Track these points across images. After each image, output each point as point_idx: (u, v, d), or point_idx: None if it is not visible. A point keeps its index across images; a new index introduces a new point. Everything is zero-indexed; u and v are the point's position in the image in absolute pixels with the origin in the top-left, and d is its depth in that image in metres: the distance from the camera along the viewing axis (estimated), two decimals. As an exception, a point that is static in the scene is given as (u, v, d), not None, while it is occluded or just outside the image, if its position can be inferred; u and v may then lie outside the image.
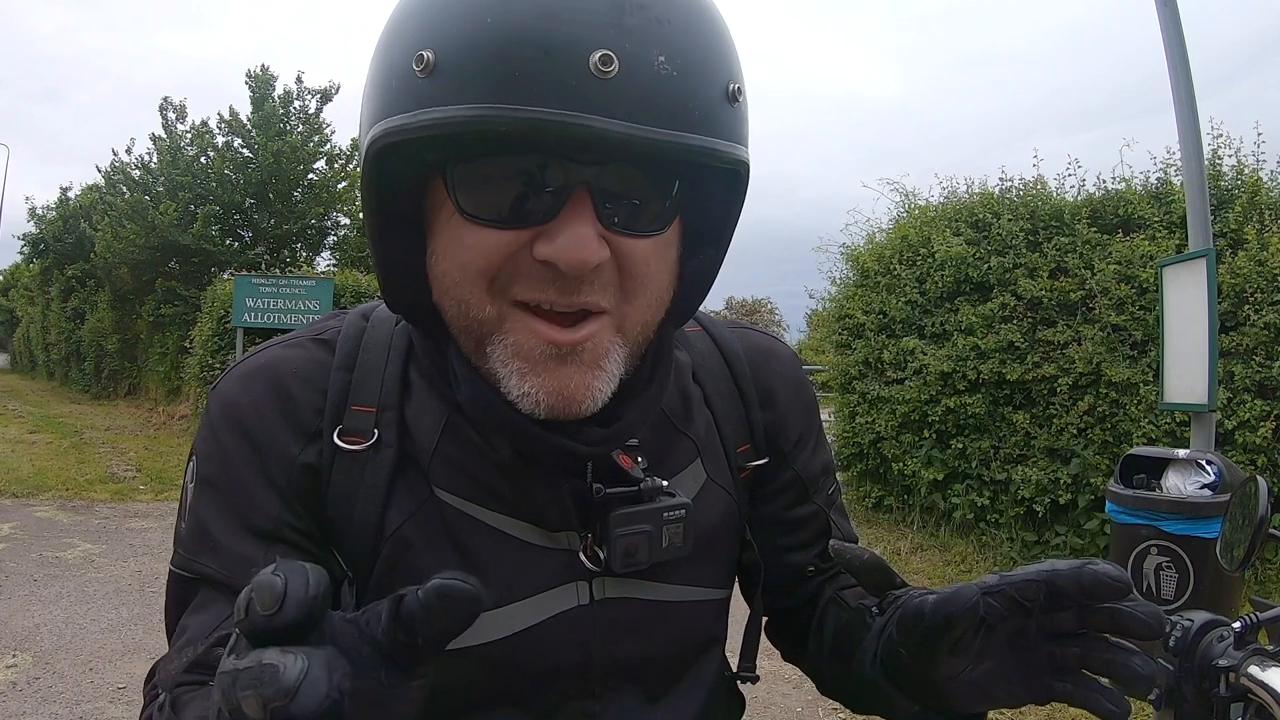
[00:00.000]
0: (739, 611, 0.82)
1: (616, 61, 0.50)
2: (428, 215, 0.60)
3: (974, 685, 0.57)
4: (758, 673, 0.80)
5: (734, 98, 0.56)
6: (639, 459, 0.66)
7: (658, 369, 0.67)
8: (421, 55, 0.52)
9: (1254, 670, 0.73)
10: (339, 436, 0.63)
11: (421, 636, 0.39)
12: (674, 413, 0.72)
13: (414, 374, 0.67)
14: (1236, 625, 0.77)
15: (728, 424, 0.75)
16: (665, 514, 0.64)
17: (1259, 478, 0.89)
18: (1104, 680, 0.53)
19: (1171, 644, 0.80)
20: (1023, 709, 3.38)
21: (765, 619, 0.83)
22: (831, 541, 0.73)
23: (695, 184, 0.60)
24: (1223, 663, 0.75)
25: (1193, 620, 0.79)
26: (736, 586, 0.81)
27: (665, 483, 0.65)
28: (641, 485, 0.64)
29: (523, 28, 0.50)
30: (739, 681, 0.80)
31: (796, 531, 0.81)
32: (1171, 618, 0.82)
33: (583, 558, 0.65)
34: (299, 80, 14.70)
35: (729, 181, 0.61)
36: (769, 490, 0.79)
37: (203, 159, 14.34)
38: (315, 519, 0.64)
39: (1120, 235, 5.44)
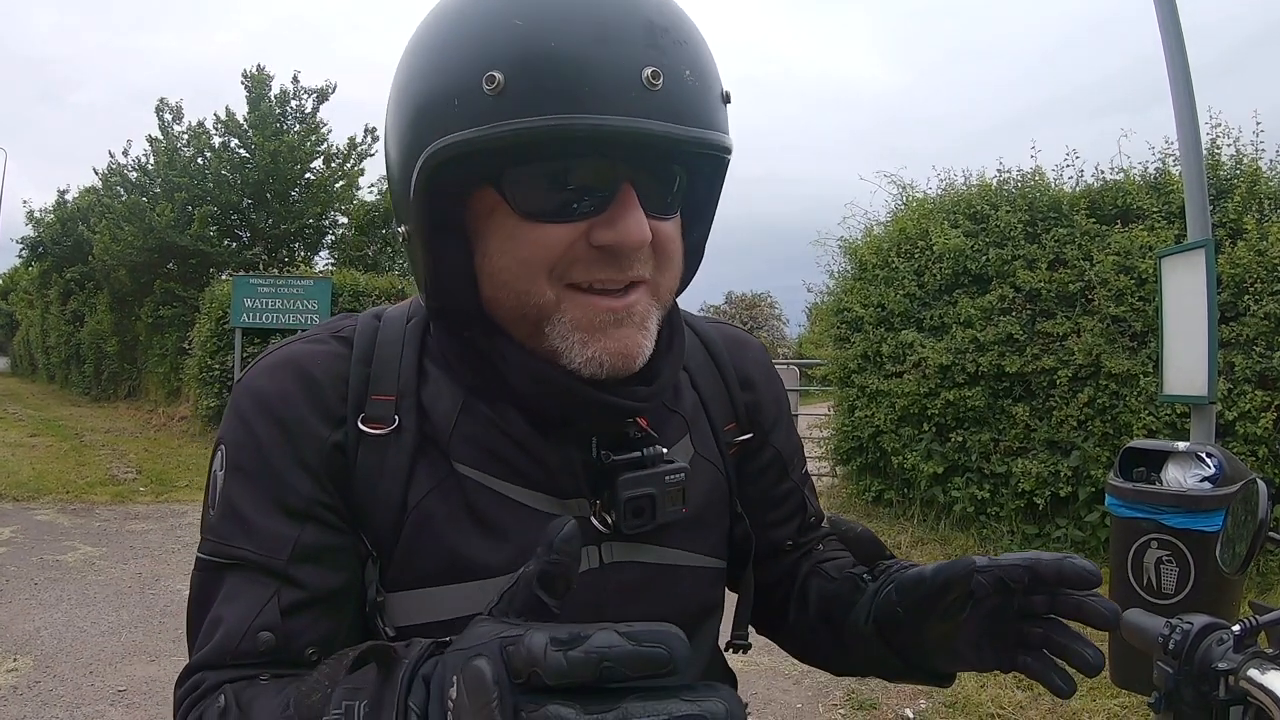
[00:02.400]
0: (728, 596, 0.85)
1: (663, 76, 0.60)
2: (472, 220, 0.66)
3: (953, 648, 0.69)
4: (751, 645, 0.86)
5: (727, 99, 0.67)
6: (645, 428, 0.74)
7: (674, 334, 0.75)
8: (493, 76, 0.58)
9: (1253, 673, 0.72)
10: (362, 423, 0.68)
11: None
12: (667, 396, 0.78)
13: (429, 364, 0.72)
14: (1236, 628, 0.77)
15: (714, 403, 0.82)
16: (666, 477, 0.70)
17: (1259, 480, 0.88)
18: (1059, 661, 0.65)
19: (1171, 647, 0.79)
20: (1025, 706, 3.37)
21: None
22: (829, 515, 0.83)
23: (692, 170, 0.70)
24: (1222, 666, 0.75)
25: (1192, 623, 0.79)
26: None
27: (665, 449, 0.72)
28: (644, 452, 0.70)
29: (583, 50, 0.59)
30: (732, 651, 0.86)
31: (777, 508, 0.88)
32: (1171, 620, 0.81)
33: (593, 520, 0.70)
34: (295, 80, 14.67)
35: (716, 165, 0.71)
36: (753, 469, 0.86)
37: (199, 160, 14.32)
38: (344, 498, 0.67)
39: (1119, 226, 5.43)
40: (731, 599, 0.85)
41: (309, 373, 0.69)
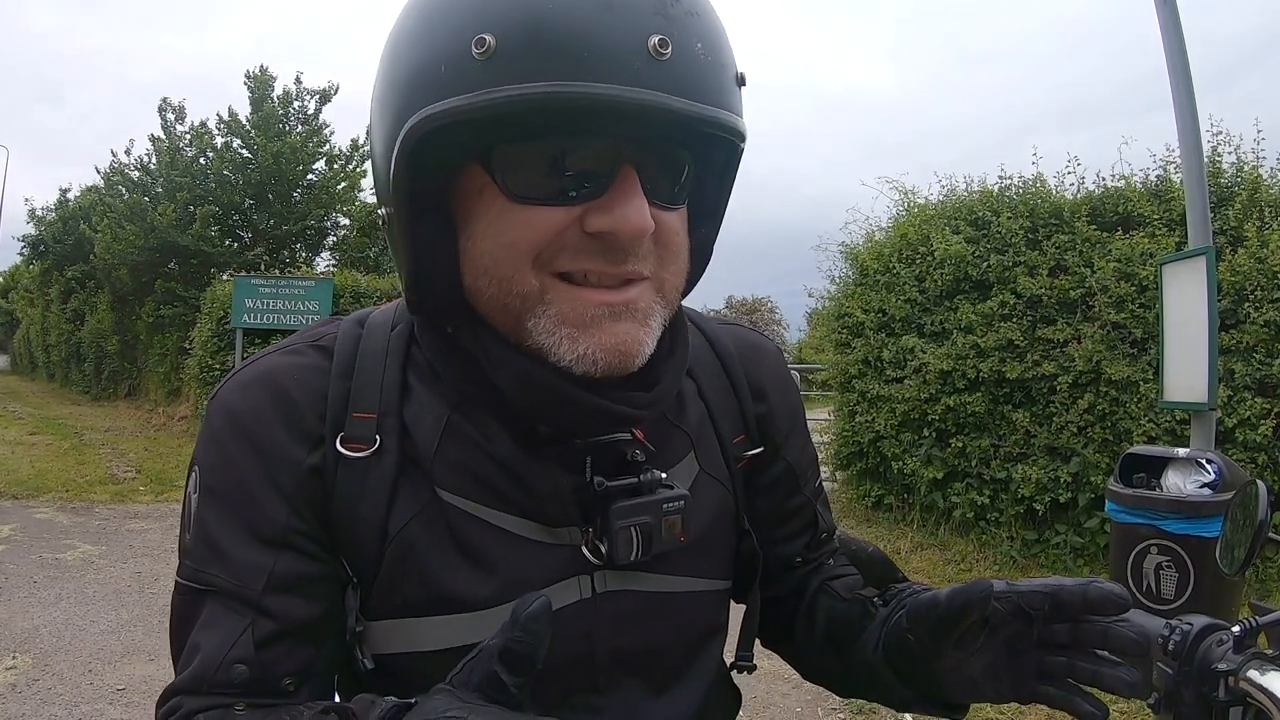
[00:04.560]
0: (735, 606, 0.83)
1: (671, 45, 0.55)
2: (458, 201, 0.62)
3: (966, 678, 0.65)
4: (756, 666, 0.82)
5: (742, 82, 0.62)
6: (642, 447, 0.69)
7: (676, 338, 0.70)
8: (483, 39, 0.54)
9: (1253, 674, 0.72)
10: (341, 444, 0.64)
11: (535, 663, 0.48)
12: (668, 407, 0.74)
13: (412, 377, 0.68)
14: (1236, 629, 0.77)
15: (722, 416, 0.77)
16: (665, 505, 0.66)
17: (1259, 481, 0.89)
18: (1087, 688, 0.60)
19: (1170, 648, 0.79)
20: (1025, 710, 3.37)
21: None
22: (838, 532, 0.81)
23: (701, 160, 0.65)
24: (1222, 667, 0.75)
25: (1192, 624, 0.79)
26: None
27: (664, 475, 0.67)
28: (641, 478, 0.66)
29: (583, 12, 0.54)
30: (736, 671, 0.82)
31: (786, 523, 0.83)
32: (1170, 621, 0.82)
33: (585, 551, 0.66)
34: (298, 81, 14.71)
35: (728, 156, 0.66)
36: (763, 483, 0.81)
37: (202, 160, 14.34)
38: (322, 524, 0.64)
39: (1120, 233, 5.44)
40: (736, 616, 0.81)
41: (285, 390, 0.65)
